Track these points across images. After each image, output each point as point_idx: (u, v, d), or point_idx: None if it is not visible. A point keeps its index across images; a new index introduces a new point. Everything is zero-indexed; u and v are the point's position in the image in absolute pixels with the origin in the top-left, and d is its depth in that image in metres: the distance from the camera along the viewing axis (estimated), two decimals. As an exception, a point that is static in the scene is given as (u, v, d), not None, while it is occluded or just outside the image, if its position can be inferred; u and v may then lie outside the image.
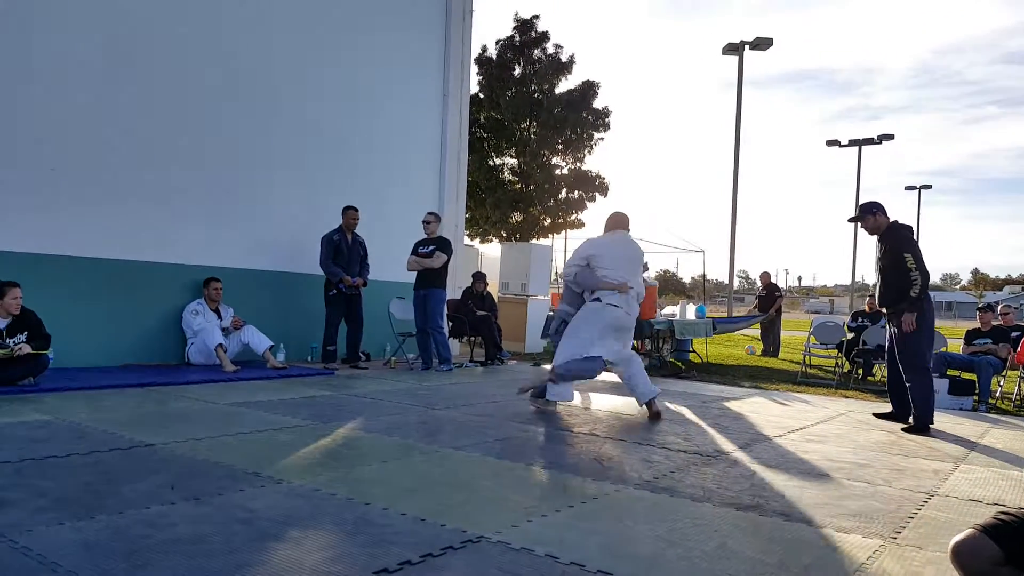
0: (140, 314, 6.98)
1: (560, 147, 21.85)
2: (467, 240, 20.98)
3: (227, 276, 7.42)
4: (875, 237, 5.74)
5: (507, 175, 22.60)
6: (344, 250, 7.81)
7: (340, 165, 8.79)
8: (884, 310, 5.78)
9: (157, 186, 7.05)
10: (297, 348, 8.04)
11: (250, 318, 7.37)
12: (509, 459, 3.75)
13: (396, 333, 8.56)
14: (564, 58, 21.60)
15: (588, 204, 22.20)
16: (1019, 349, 7.67)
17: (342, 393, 5.87)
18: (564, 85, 21.81)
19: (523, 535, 2.54)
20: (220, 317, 7.17)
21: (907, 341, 5.40)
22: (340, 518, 2.61)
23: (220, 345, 6.80)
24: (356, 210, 7.92)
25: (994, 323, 8.23)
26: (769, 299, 13.57)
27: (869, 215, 5.67)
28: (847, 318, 11.49)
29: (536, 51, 21.64)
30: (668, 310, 11.42)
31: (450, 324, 9.32)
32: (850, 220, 6.52)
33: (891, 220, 5.65)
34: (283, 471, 3.23)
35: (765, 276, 14.29)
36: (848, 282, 33.19)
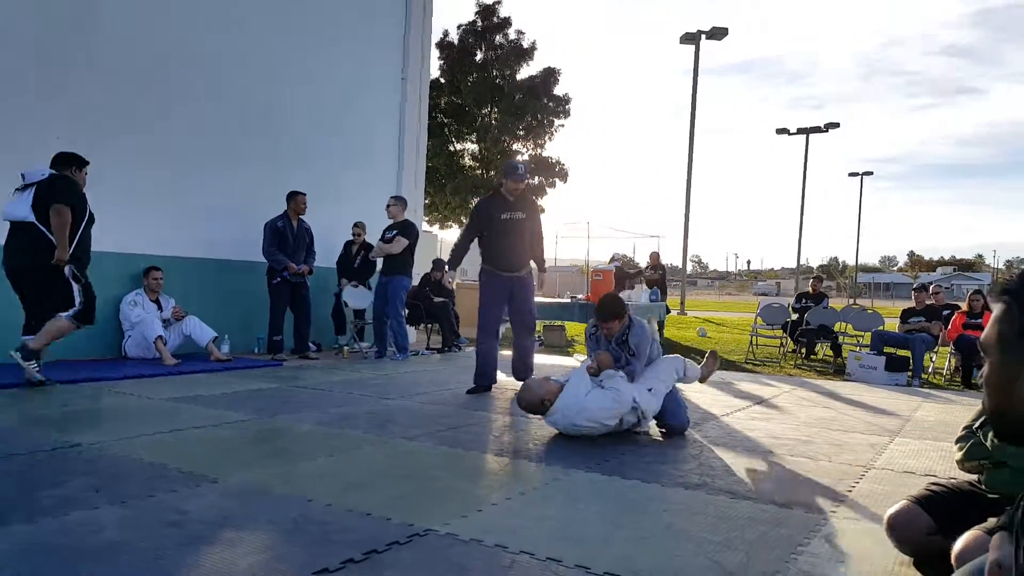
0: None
1: (521, 133, 21.83)
2: (426, 226, 20.82)
3: (168, 265, 7.18)
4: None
5: (468, 161, 22.50)
6: (289, 237, 7.59)
7: (291, 149, 8.55)
8: None
9: (91, 170, 6.75)
10: (243, 339, 7.83)
11: (193, 309, 7.16)
12: (462, 447, 3.71)
13: (349, 321, 8.42)
14: (526, 44, 21.59)
15: (548, 190, 22.24)
16: (949, 327, 7.96)
17: (289, 385, 5.74)
18: (525, 71, 21.83)
19: (472, 525, 2.51)
20: (161, 308, 6.94)
21: None
22: (279, 517, 2.53)
23: (160, 337, 6.58)
24: (304, 195, 7.71)
25: (927, 302, 8.51)
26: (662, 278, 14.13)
27: (527, 179, 5.81)
28: (792, 300, 11.74)
29: (498, 37, 21.54)
30: (623, 295, 11.49)
31: (406, 311, 9.22)
32: (520, 175, 5.69)
33: None
34: (221, 469, 3.12)
35: (654, 256, 14.84)
36: (794, 265, 33.98)
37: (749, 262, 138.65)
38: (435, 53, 21.42)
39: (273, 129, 8.40)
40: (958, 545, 1.96)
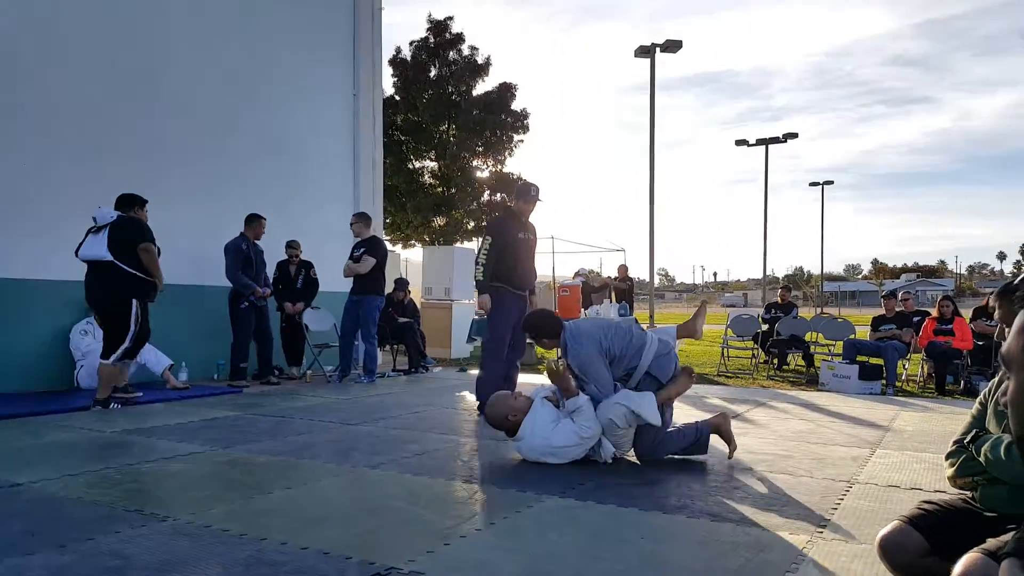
0: (21, 337, 6.39)
1: (480, 149, 21.64)
2: (388, 245, 20.55)
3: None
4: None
5: (427, 178, 22.25)
6: (252, 259, 7.35)
7: (244, 168, 8.34)
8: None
9: (40, 198, 6.49)
10: (201, 366, 7.54)
11: (147, 337, 6.86)
12: (428, 475, 3.53)
13: (311, 345, 8.18)
14: (480, 60, 21.47)
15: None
16: (920, 333, 7.96)
17: (249, 413, 5.50)
18: (481, 87, 21.68)
19: (439, 562, 2.33)
20: (113, 337, 6.64)
21: None
22: (229, 558, 2.33)
23: (112, 367, 6.29)
24: (264, 220, 7.48)
25: (897, 309, 8.53)
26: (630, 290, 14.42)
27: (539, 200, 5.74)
28: (761, 310, 11.75)
29: (451, 53, 21.40)
30: (591, 310, 11.42)
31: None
32: (532, 197, 5.69)
33: None
34: (169, 507, 2.91)
35: (622, 268, 15.00)
36: (759, 276, 34.32)
37: (716, 274, 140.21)
38: (389, 70, 21.29)
39: (228, 150, 8.18)
40: (957, 569, 1.83)
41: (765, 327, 9.88)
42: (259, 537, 2.54)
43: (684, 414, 5.47)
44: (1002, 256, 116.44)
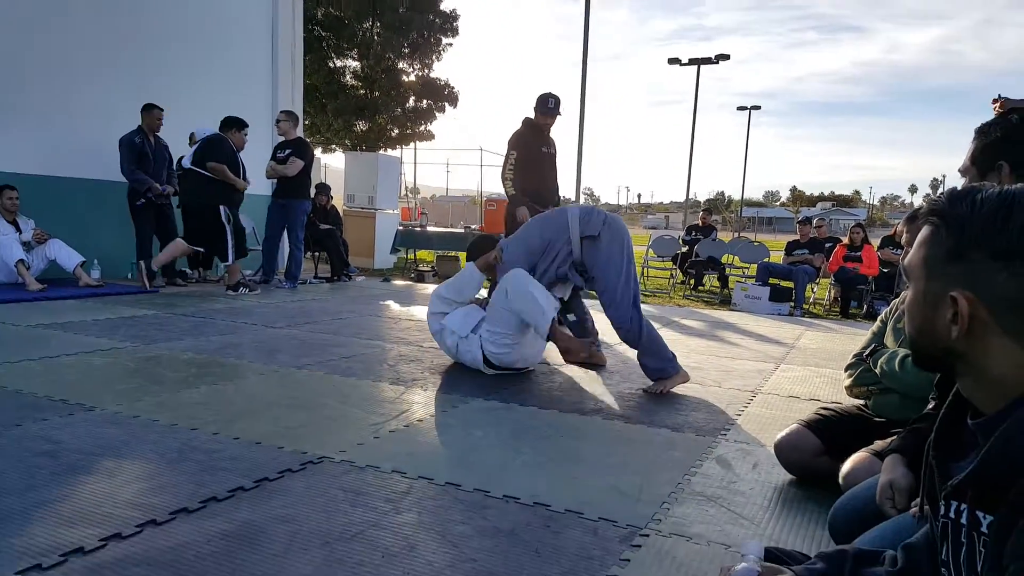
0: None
1: (406, 51, 20.79)
2: (308, 150, 19.85)
3: (23, 184, 6.53)
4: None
5: (349, 79, 21.28)
6: (149, 154, 7.00)
7: (152, 60, 7.86)
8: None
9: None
10: (115, 265, 7.29)
11: (56, 231, 6.57)
12: (355, 376, 3.61)
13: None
14: (408, -47, 20.43)
15: (437, 114, 21.59)
16: (831, 259, 8.42)
17: (167, 312, 5.41)
18: (409, -17, 20.70)
19: (369, 453, 2.44)
20: (19, 230, 6.34)
21: None
22: (162, 446, 2.37)
23: (21, 261, 6.03)
24: (161, 109, 7.07)
25: (811, 235, 8.96)
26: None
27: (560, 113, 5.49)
28: (682, 232, 12.10)
29: (376, -58, 20.27)
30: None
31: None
32: (551, 109, 5.43)
33: None
34: (96, 397, 2.90)
35: None
36: (682, 199, 35.04)
37: (640, 195, 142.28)
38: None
39: (136, 39, 7.69)
40: (846, 466, 2.05)
41: (685, 249, 10.23)
42: (190, 427, 2.59)
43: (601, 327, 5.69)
44: (913, 189, 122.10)
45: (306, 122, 19.77)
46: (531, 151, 5.41)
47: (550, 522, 1.95)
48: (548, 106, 5.43)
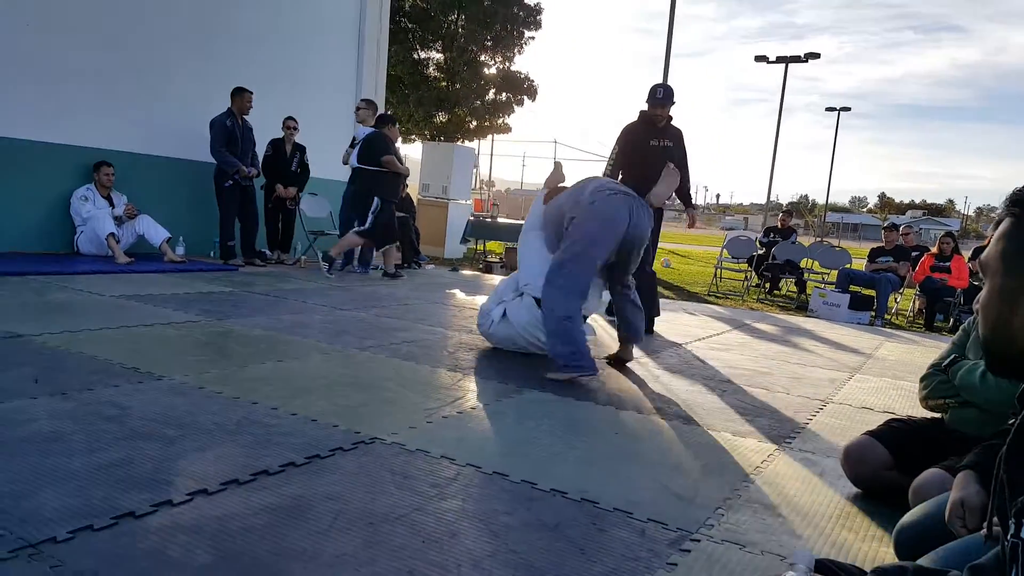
0: (23, 198, 6.39)
1: (489, 44, 20.88)
2: (389, 139, 20.16)
3: (120, 161, 6.85)
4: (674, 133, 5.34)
5: (432, 71, 21.56)
6: (238, 137, 7.21)
7: (244, 49, 8.11)
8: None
9: (43, 60, 6.35)
10: (199, 243, 7.58)
11: (146, 208, 6.87)
12: (416, 361, 3.63)
13: (307, 231, 8.19)
14: (495, -53, 20.47)
15: (516, 107, 21.63)
16: (917, 268, 8.01)
17: (243, 290, 5.58)
18: (494, -24, 20.76)
19: (420, 436, 2.44)
20: (112, 205, 6.66)
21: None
22: (222, 417, 2.43)
23: (112, 234, 6.33)
24: (251, 92, 7.29)
25: (897, 242, 8.55)
26: None
27: (671, 103, 5.29)
28: (760, 234, 11.75)
29: (466, -63, 20.39)
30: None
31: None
32: (659, 100, 5.29)
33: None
34: (166, 367, 3.01)
35: None
36: (763, 201, 34.03)
37: (719, 196, 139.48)
38: (400, -47, 20.34)
39: (230, 28, 7.95)
40: (916, 481, 1.93)
41: (762, 251, 9.92)
42: (251, 401, 2.65)
43: (668, 328, 5.57)
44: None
45: (388, 112, 20.10)
46: (637, 145, 5.24)
47: (597, 519, 1.90)
48: (656, 97, 5.23)
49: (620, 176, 5.28)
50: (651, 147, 5.22)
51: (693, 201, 5.71)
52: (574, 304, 3.52)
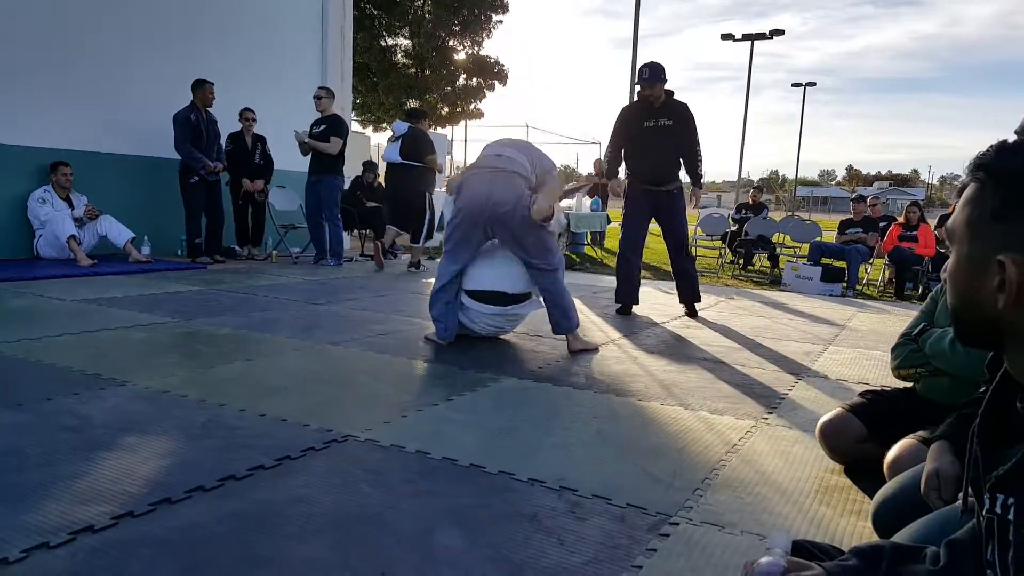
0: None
1: (457, 28, 20.63)
2: (358, 127, 19.96)
3: (77, 160, 6.68)
4: (661, 108, 5.11)
5: (400, 58, 21.28)
6: (203, 131, 7.03)
7: (204, 39, 7.93)
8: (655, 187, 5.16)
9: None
10: (165, 242, 7.43)
11: (108, 208, 6.72)
12: (390, 353, 3.57)
13: (277, 225, 8.06)
14: (458, -71, 20.19)
15: (487, 92, 21.47)
16: (885, 238, 8.07)
17: (212, 288, 5.47)
18: (459, -41, 20.49)
19: (395, 432, 2.39)
20: (72, 206, 6.49)
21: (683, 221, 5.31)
22: (187, 422, 2.36)
23: (72, 236, 6.18)
24: (212, 84, 7.09)
25: (865, 213, 8.60)
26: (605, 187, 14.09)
27: (659, 81, 5.08)
28: (732, 211, 11.78)
29: (428, -80, 20.11)
30: (564, 203, 11.35)
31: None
32: (645, 80, 5.07)
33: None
34: (129, 372, 2.92)
35: (599, 163, 14.72)
36: (734, 178, 34.24)
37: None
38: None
39: (187, 16, 7.76)
40: (891, 453, 1.92)
41: (734, 227, 9.95)
42: (218, 403, 2.57)
43: (644, 307, 5.56)
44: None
45: (357, 101, 19.86)
46: (630, 126, 5.16)
47: (576, 508, 1.87)
48: (643, 77, 5.08)
49: (624, 159, 5.23)
50: (645, 128, 5.12)
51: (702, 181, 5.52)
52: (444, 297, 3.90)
